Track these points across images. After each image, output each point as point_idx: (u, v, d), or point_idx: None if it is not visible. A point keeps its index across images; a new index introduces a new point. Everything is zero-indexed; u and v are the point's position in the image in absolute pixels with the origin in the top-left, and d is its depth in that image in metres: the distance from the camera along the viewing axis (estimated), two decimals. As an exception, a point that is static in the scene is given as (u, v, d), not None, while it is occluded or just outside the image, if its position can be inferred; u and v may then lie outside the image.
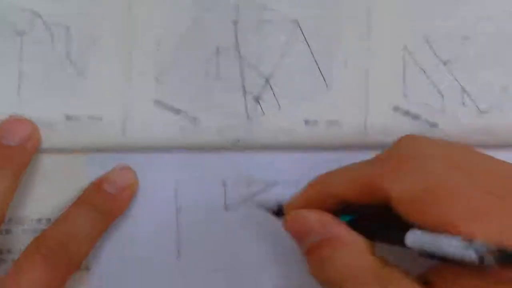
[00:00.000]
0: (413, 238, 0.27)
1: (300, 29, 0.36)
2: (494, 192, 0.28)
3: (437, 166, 0.29)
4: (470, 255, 0.24)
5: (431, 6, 0.36)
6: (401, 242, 0.28)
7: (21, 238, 0.36)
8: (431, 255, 0.27)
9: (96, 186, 0.35)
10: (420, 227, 0.27)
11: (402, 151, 0.31)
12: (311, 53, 0.36)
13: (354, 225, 0.30)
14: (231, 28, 0.36)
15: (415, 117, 0.36)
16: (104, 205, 0.35)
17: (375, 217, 0.30)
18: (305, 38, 0.36)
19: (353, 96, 0.36)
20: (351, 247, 0.29)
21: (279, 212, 0.34)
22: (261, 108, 0.36)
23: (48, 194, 0.36)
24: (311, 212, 0.31)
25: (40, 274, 0.33)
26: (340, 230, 0.30)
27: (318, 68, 0.36)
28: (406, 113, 0.36)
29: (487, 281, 0.26)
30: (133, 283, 0.36)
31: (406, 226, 0.28)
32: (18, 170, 0.35)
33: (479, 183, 0.28)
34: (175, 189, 0.37)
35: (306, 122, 0.36)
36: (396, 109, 0.36)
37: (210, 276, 0.37)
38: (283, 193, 0.36)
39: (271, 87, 0.36)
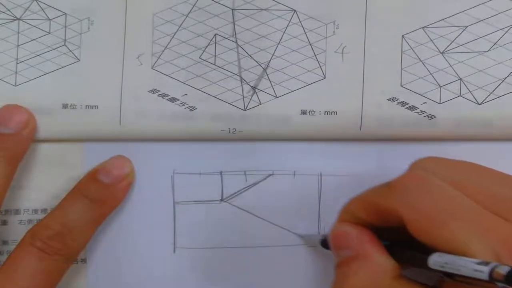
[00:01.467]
0: (433, 260, 0.28)
1: (298, 18, 0.36)
2: (498, 211, 0.28)
3: (441, 188, 0.29)
4: (482, 274, 0.25)
5: (428, -5, 0.36)
6: (424, 265, 0.28)
7: (17, 229, 0.36)
8: (450, 276, 0.27)
9: (92, 176, 0.35)
10: (434, 248, 0.28)
11: (411, 175, 0.31)
12: (308, 42, 0.36)
13: (390, 249, 0.31)
14: (228, 17, 0.36)
15: (412, 108, 0.36)
16: (100, 195, 0.35)
17: (410, 241, 0.30)
18: (302, 27, 0.36)
19: (350, 86, 0.36)
20: (377, 266, 0.30)
21: (325, 241, 0.34)
22: (258, 97, 0.36)
23: (44, 184, 0.36)
24: (353, 228, 0.32)
25: (35, 266, 0.33)
26: (373, 248, 0.30)
27: (315, 57, 0.36)
28: (403, 103, 0.36)
29: None
30: (130, 276, 0.36)
31: (428, 249, 0.28)
32: (14, 158, 0.34)
33: (484, 203, 0.28)
34: (172, 179, 0.37)
35: (303, 111, 0.36)
36: (392, 99, 0.36)
37: (206, 269, 0.37)
38: (279, 183, 0.36)
39: (268, 76, 0.36)
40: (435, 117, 0.36)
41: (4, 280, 0.32)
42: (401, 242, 0.31)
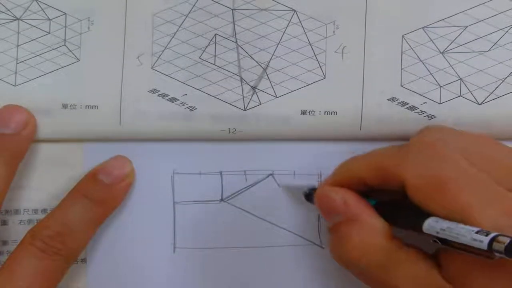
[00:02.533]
0: (429, 225, 0.28)
1: (298, 18, 0.36)
2: (504, 183, 0.28)
3: (450, 156, 0.29)
4: (481, 244, 0.25)
5: (428, -5, 0.36)
6: (418, 228, 0.29)
7: (17, 229, 0.36)
8: (444, 242, 0.27)
9: (92, 176, 0.35)
10: (432, 213, 0.28)
11: (419, 139, 0.32)
12: (308, 42, 0.36)
13: (378, 208, 0.31)
14: (228, 17, 0.36)
15: (412, 108, 0.36)
16: (100, 196, 0.35)
17: (397, 203, 0.31)
18: (302, 27, 0.36)
19: (350, 86, 0.36)
20: (369, 228, 0.30)
21: (310, 195, 0.35)
22: (258, 97, 0.36)
23: (44, 184, 0.36)
24: (337, 191, 0.32)
25: (35, 267, 0.33)
26: (362, 210, 0.31)
27: (315, 57, 0.36)
28: (403, 103, 0.36)
29: (497, 272, 0.26)
30: (130, 276, 0.36)
31: (422, 213, 0.29)
32: (14, 158, 0.34)
33: (491, 174, 0.29)
34: (172, 179, 0.37)
35: (303, 111, 0.36)
36: (392, 99, 0.36)
37: (206, 269, 0.37)
38: (280, 183, 0.36)
39: (267, 76, 0.36)
40: (435, 117, 0.36)
41: (4, 280, 0.32)
42: (389, 202, 0.31)
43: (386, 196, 0.32)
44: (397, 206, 0.31)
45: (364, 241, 0.30)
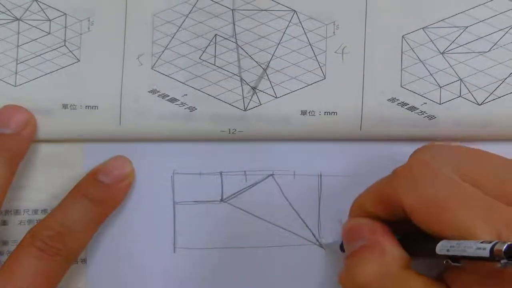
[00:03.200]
0: (440, 245, 0.28)
1: (298, 18, 0.36)
2: (499, 196, 0.28)
3: (445, 174, 0.29)
4: (484, 251, 0.25)
5: (428, -5, 0.36)
6: (432, 253, 0.28)
7: (17, 230, 0.36)
8: (454, 260, 0.27)
9: (92, 177, 0.35)
10: (437, 236, 0.28)
11: (414, 162, 0.31)
12: (308, 42, 0.36)
13: (403, 243, 0.31)
14: (228, 17, 0.36)
15: (412, 108, 0.36)
16: (99, 196, 0.35)
17: (418, 235, 0.30)
18: (302, 27, 0.36)
19: (350, 86, 0.36)
20: (386, 255, 0.30)
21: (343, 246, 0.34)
22: (258, 97, 0.36)
23: (44, 184, 0.36)
24: (364, 219, 0.32)
25: (35, 267, 0.33)
26: (385, 239, 0.31)
27: (315, 58, 0.36)
28: (403, 104, 0.36)
29: (498, 284, 0.26)
30: (130, 276, 0.36)
31: (434, 239, 0.28)
32: (14, 158, 0.34)
33: (485, 187, 0.29)
34: (172, 179, 0.37)
35: (303, 112, 0.36)
36: (392, 100, 0.36)
37: (206, 269, 0.37)
38: (279, 183, 0.36)
39: (267, 76, 0.36)
40: (435, 117, 0.36)
41: (4, 280, 0.32)
42: (413, 236, 0.31)
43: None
44: (417, 237, 0.31)
45: (380, 268, 0.30)
